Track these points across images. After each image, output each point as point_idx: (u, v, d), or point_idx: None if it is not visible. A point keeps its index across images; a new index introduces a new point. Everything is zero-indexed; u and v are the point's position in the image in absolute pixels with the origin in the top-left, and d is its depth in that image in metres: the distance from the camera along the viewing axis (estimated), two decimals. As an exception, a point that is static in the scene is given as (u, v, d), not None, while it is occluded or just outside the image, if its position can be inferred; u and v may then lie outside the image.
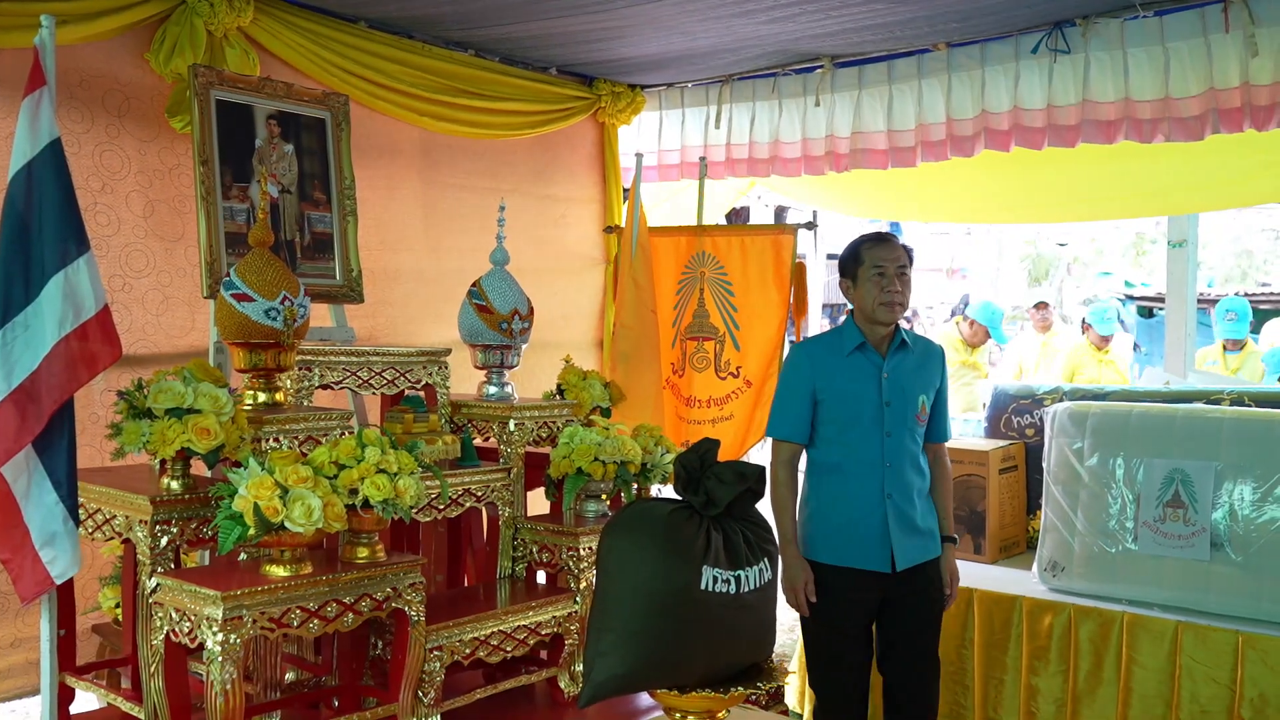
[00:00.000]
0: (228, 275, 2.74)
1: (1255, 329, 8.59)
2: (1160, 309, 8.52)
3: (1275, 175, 5.03)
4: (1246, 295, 9.86)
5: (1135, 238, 17.95)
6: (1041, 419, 4.40)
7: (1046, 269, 18.39)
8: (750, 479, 2.41)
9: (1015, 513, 4.54)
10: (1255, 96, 3.99)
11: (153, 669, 2.38)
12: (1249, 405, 4.03)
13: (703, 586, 2.30)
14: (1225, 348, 7.20)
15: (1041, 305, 8.16)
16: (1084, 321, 7.92)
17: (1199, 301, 6.43)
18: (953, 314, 9.69)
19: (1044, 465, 4.11)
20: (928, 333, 9.94)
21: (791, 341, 5.06)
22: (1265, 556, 3.64)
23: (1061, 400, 4.44)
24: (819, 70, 5.02)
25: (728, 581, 2.31)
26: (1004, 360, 7.88)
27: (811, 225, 5.40)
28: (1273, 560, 3.62)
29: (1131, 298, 13.20)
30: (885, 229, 5.68)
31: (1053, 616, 3.84)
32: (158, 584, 2.38)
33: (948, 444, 3.48)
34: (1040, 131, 4.48)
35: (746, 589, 2.35)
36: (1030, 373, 7.66)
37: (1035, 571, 4.03)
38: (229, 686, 2.20)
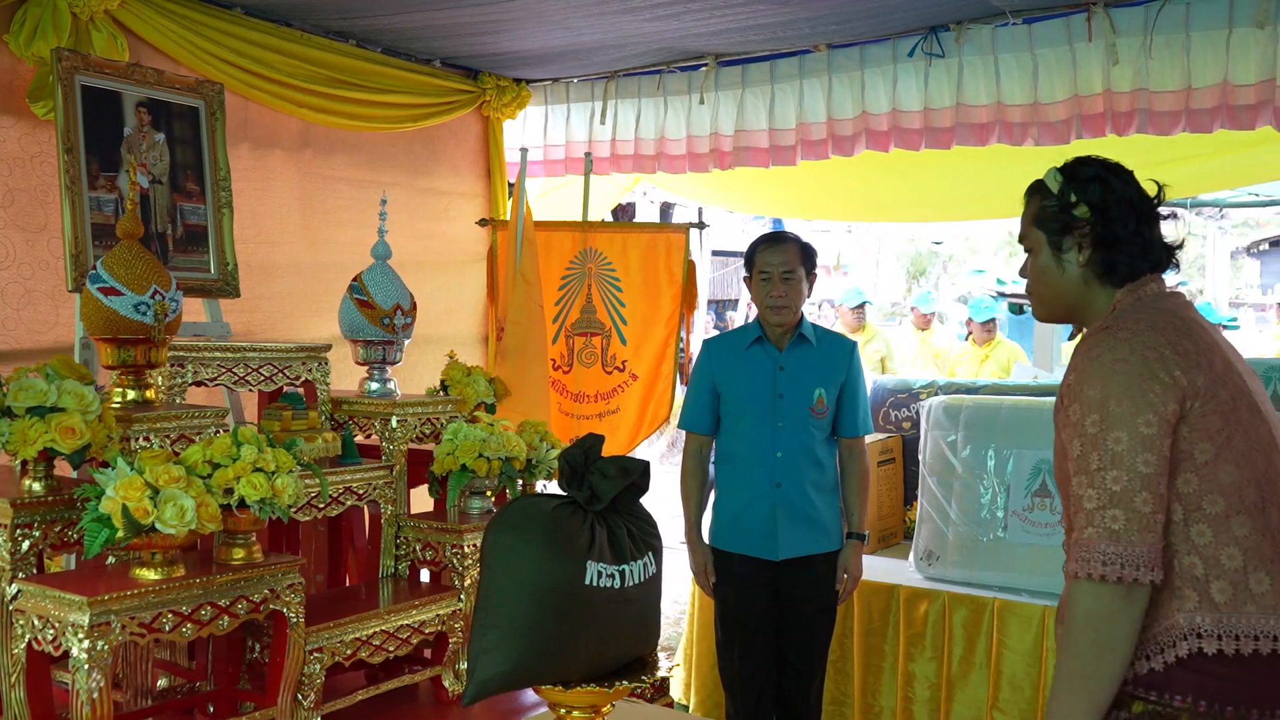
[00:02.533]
0: (94, 268, 2.63)
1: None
2: (1030, 305, 8.89)
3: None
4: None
5: (1008, 236, 18.60)
6: (918, 412, 4.54)
7: (924, 266, 18.93)
8: (634, 474, 2.43)
9: (893, 504, 4.67)
10: (1116, 103, 4.18)
11: (14, 679, 2.28)
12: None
13: (587, 581, 2.31)
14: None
15: (915, 309, 8.45)
16: (925, 321, 8.23)
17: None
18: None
19: (920, 457, 4.24)
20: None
21: (681, 338, 5.16)
22: (1125, 542, 3.82)
23: (936, 394, 4.58)
24: (703, 68, 5.07)
25: (612, 576, 2.33)
26: (896, 355, 8.07)
27: (702, 225, 5.47)
28: (1132, 546, 3.80)
29: (1003, 295, 13.66)
30: (778, 226, 5.76)
31: (928, 604, 3.96)
32: (19, 590, 2.28)
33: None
34: (918, 133, 4.61)
35: (631, 583, 2.37)
36: (907, 367, 7.88)
37: (912, 561, 4.16)
38: (96, 695, 2.12)
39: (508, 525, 2.39)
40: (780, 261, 3.40)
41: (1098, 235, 2.00)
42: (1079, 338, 2.10)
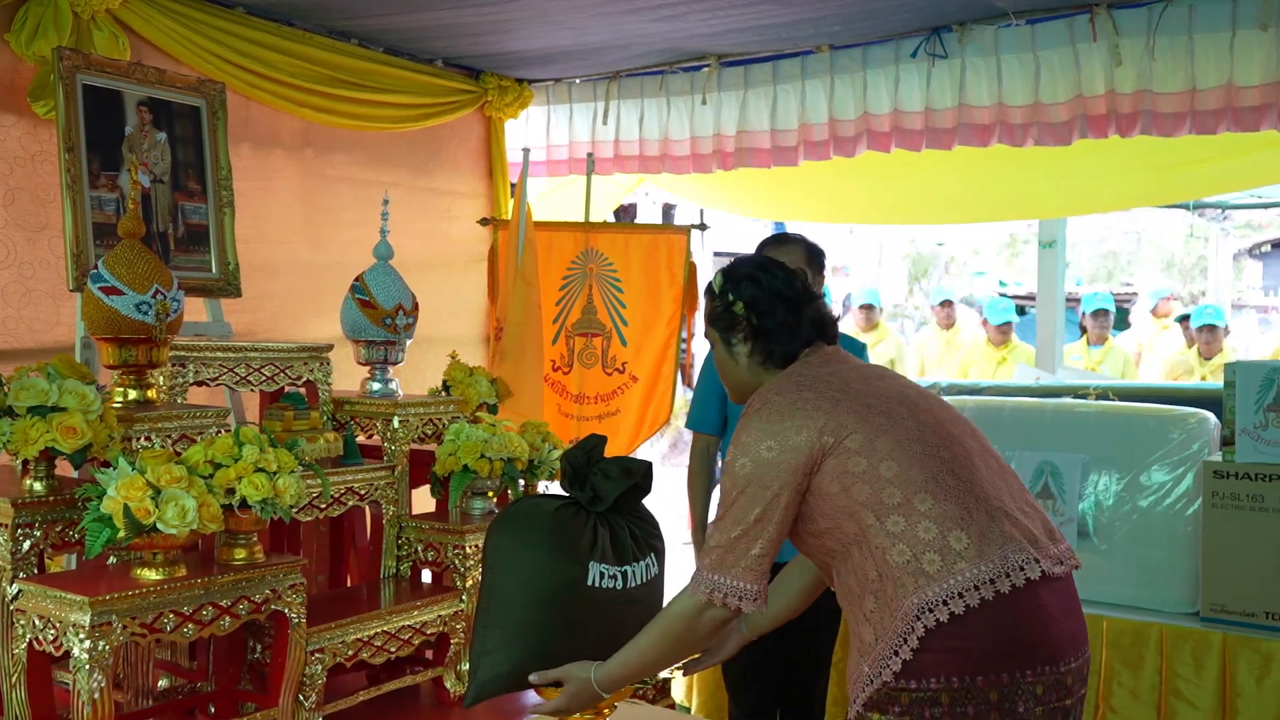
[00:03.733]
0: (95, 267, 2.63)
1: (1118, 325, 8.95)
2: (1031, 307, 8.83)
3: (1137, 181, 5.28)
4: (1113, 294, 10.29)
5: (1009, 238, 18.59)
6: (920, 414, 4.53)
7: (925, 268, 18.91)
8: (637, 474, 2.42)
9: (895, 505, 4.66)
10: (1119, 104, 4.17)
11: (14, 679, 2.28)
12: (1114, 400, 4.21)
13: (589, 582, 2.30)
14: (1089, 342, 7.50)
15: (946, 304, 8.26)
16: (951, 320, 8.12)
17: (1066, 300, 6.69)
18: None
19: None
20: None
21: (683, 339, 5.16)
22: (1128, 544, 3.81)
23: (940, 395, 4.57)
24: (706, 69, 5.06)
25: (614, 577, 2.32)
26: (906, 357, 7.99)
27: (703, 227, 5.47)
28: (1135, 548, 3.80)
29: (1005, 296, 13.66)
30: (780, 228, 5.75)
31: (930, 606, 3.95)
32: (20, 590, 2.28)
33: None
34: (919, 134, 4.60)
35: (633, 584, 2.37)
36: (933, 369, 7.83)
37: (914, 562, 4.15)
38: (97, 695, 2.12)
39: (509, 526, 2.39)
40: (784, 263, 3.39)
41: (754, 328, 2.24)
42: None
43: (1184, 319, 8.31)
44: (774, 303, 2.25)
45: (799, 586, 2.50)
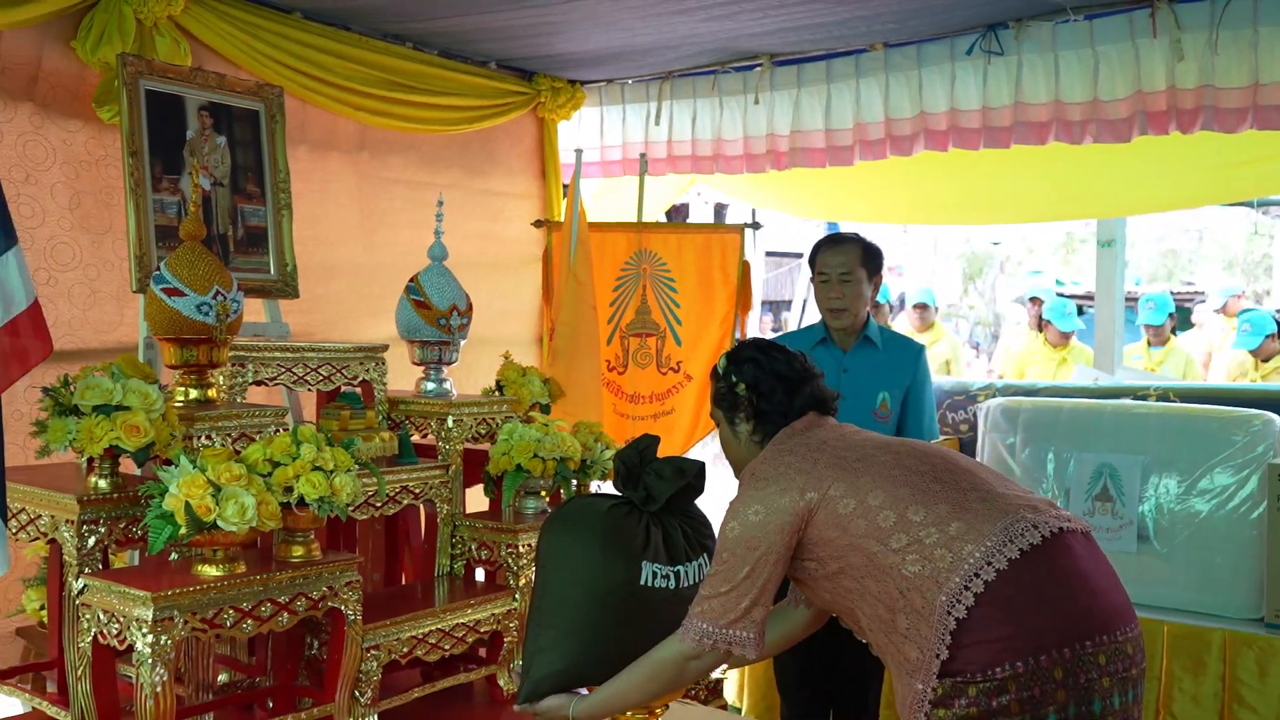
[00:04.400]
0: (158, 269, 2.68)
1: (1181, 326, 8.75)
2: (1089, 307, 8.67)
3: (1199, 179, 5.17)
4: (1172, 294, 10.07)
5: (1065, 237, 18.31)
6: (975, 414, 4.48)
7: (980, 267, 18.69)
8: (689, 474, 2.42)
9: (950, 507, 4.60)
10: (1180, 100, 4.09)
11: (80, 672, 2.33)
12: (1174, 401, 4.14)
13: (642, 582, 2.31)
14: (1149, 343, 7.34)
15: (1036, 300, 8.02)
16: (1041, 318, 7.90)
17: (1126, 300, 6.56)
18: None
19: (978, 460, 4.19)
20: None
21: (737, 339, 5.14)
22: (1189, 548, 3.74)
23: (995, 396, 4.52)
24: (758, 68, 5.05)
25: (667, 577, 2.32)
26: (996, 357, 7.83)
27: (756, 226, 5.45)
28: (1196, 552, 3.72)
29: (1062, 295, 13.45)
30: (834, 228, 5.70)
31: (986, 609, 3.90)
32: (85, 585, 2.33)
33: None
34: (976, 132, 4.55)
35: (685, 584, 2.37)
36: (1014, 369, 7.66)
37: (969, 565, 4.10)
38: (160, 689, 2.16)
39: (563, 526, 2.40)
40: (839, 263, 3.36)
41: (754, 408, 2.35)
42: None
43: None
44: (774, 384, 2.35)
45: (784, 629, 2.59)
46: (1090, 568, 2.05)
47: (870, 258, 3.40)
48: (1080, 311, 9.44)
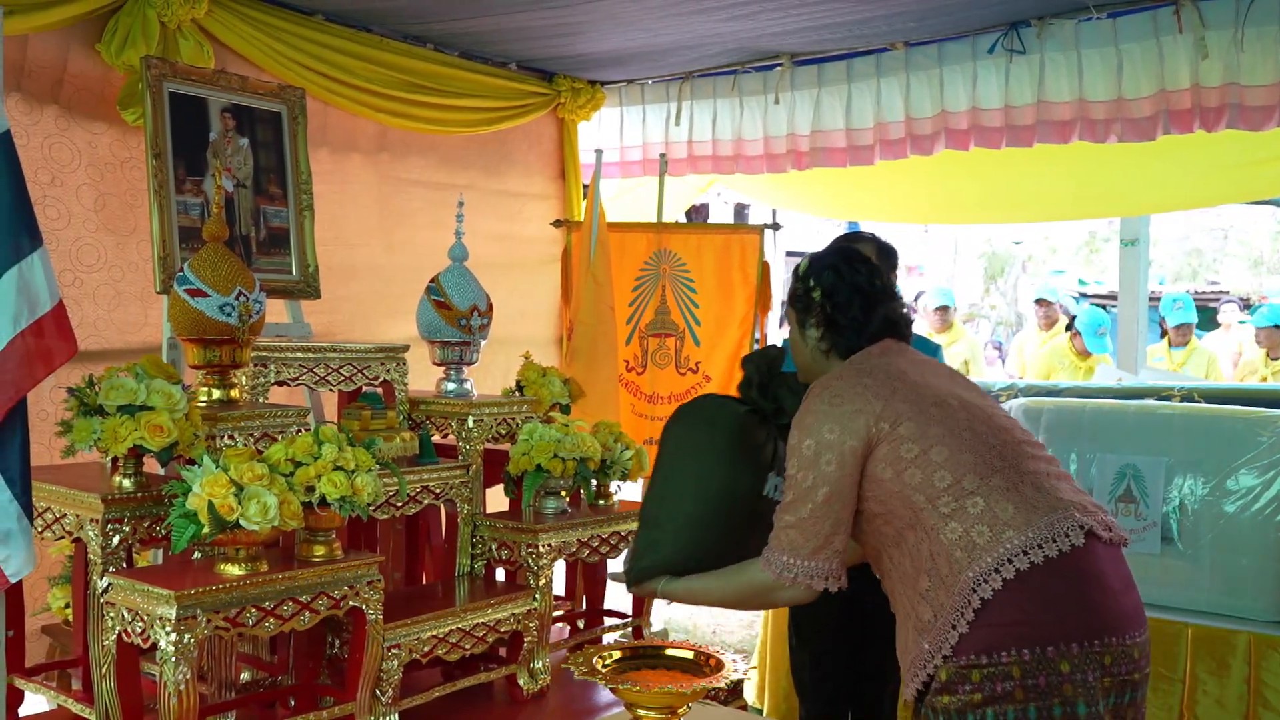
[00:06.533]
0: (181, 270, 2.70)
1: (1203, 326, 8.67)
2: (1112, 307, 8.60)
3: (1224, 177, 5.13)
4: (1195, 293, 10.00)
5: (1088, 236, 18.19)
6: (997, 415, 4.44)
7: (1002, 267, 18.59)
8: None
9: (971, 508, 4.58)
10: (1205, 98, 4.05)
11: (104, 670, 2.35)
12: (1198, 401, 4.10)
13: (765, 493, 2.33)
14: (1170, 343, 7.28)
15: (1043, 302, 7.93)
16: (1071, 324, 7.75)
17: (1149, 299, 6.51)
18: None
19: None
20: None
21: (756, 340, 5.13)
22: (1214, 550, 3.70)
23: (1017, 396, 4.49)
24: (779, 68, 5.04)
25: (785, 493, 2.32)
26: (1010, 359, 7.74)
27: (776, 226, 5.44)
28: (1221, 554, 3.69)
29: (1085, 295, 13.38)
30: (854, 227, 5.69)
31: (1008, 610, 3.88)
32: (109, 584, 2.35)
33: None
34: (999, 131, 4.53)
35: None
36: (1033, 370, 7.56)
37: (990, 566, 4.08)
38: (183, 687, 2.17)
39: (698, 421, 2.41)
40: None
41: (828, 317, 2.31)
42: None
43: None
44: (851, 296, 2.30)
45: None
46: (1111, 569, 2.05)
47: (886, 256, 3.38)
48: (1104, 311, 9.33)
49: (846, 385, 2.17)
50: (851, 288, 2.31)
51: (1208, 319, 9.75)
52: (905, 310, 2.40)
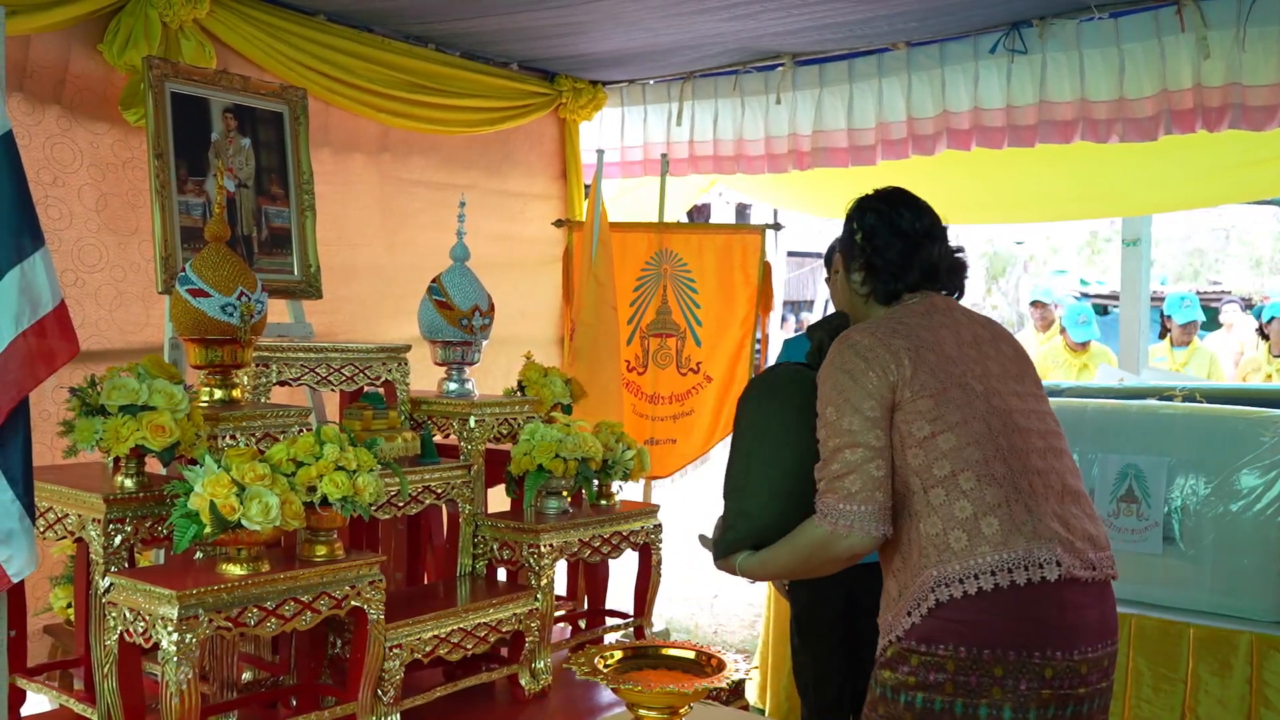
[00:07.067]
0: (183, 270, 2.70)
1: (1208, 327, 8.66)
2: (1114, 307, 8.59)
3: (1226, 177, 5.13)
4: (1197, 293, 9.97)
5: (1090, 236, 18.20)
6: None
7: (1004, 267, 18.59)
8: None
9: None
10: (1207, 98, 4.05)
11: (106, 670, 2.35)
12: (1200, 401, 4.10)
13: None
14: (1173, 343, 7.28)
15: (1038, 304, 7.96)
16: (1045, 321, 7.86)
17: (1151, 299, 6.50)
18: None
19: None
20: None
21: (758, 340, 5.13)
22: (1216, 550, 3.70)
23: (1018, 397, 4.48)
24: (780, 68, 5.04)
25: None
26: None
27: (777, 226, 5.44)
28: (1223, 554, 3.69)
29: (1086, 295, 13.36)
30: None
31: (1009, 611, 3.88)
32: (111, 584, 2.35)
33: None
34: (1000, 131, 4.52)
35: None
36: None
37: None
38: (184, 687, 2.17)
39: (777, 392, 2.39)
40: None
41: (868, 260, 2.29)
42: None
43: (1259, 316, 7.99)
44: (891, 239, 2.28)
45: None
46: (1074, 597, 2.03)
47: None
48: (1105, 311, 9.33)
49: (878, 340, 2.15)
50: (891, 230, 2.28)
51: (1210, 319, 9.73)
52: (956, 256, 2.35)
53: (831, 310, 2.60)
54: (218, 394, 2.72)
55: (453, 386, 3.30)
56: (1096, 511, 2.21)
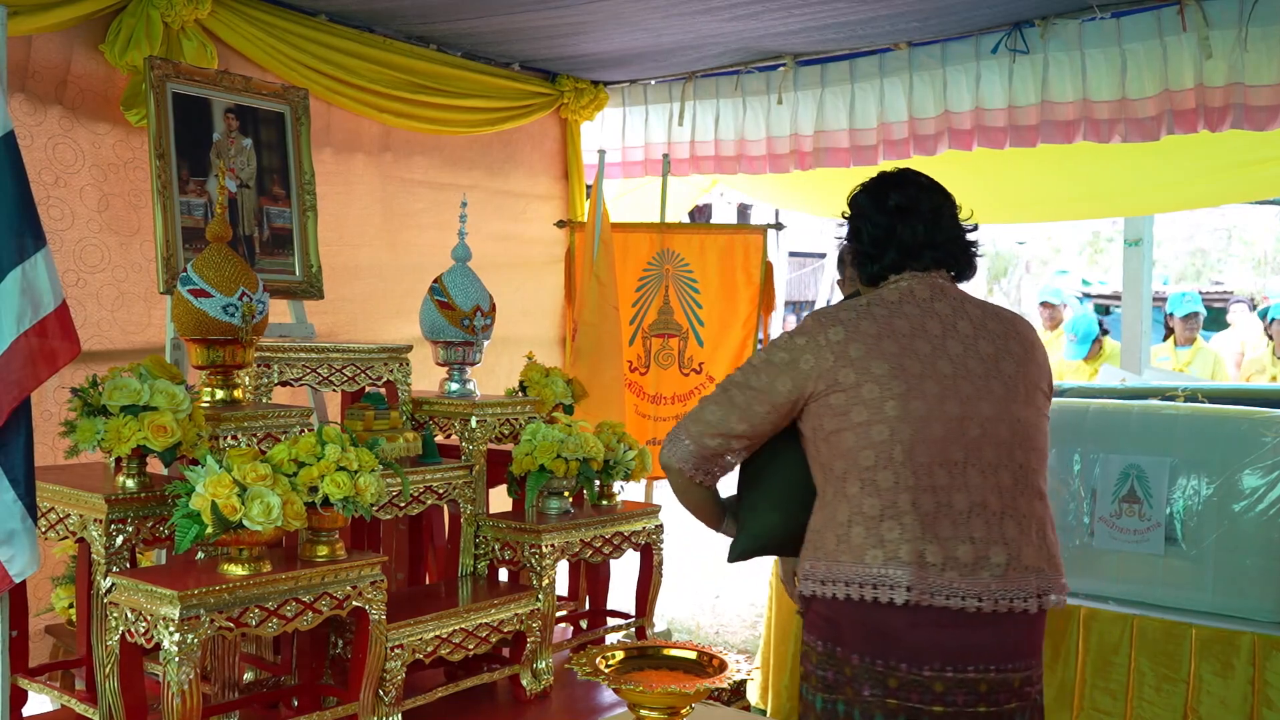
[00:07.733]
0: (185, 271, 2.70)
1: (1209, 326, 8.64)
2: (1116, 307, 8.58)
3: (1228, 177, 5.12)
4: (1200, 293, 9.97)
5: (1092, 236, 18.18)
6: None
7: (1005, 267, 18.58)
8: None
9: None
10: (1209, 98, 4.05)
11: (108, 670, 2.35)
12: (1203, 401, 4.09)
13: None
14: (1177, 341, 7.26)
15: (1047, 304, 7.91)
16: (1054, 321, 7.83)
17: (1153, 300, 6.49)
18: None
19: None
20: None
21: (760, 340, 5.13)
22: (1218, 551, 3.70)
23: (1020, 397, 4.47)
24: (782, 68, 5.03)
25: None
26: None
27: (779, 226, 5.43)
28: (1225, 554, 3.68)
29: (1088, 295, 13.36)
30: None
31: (1011, 611, 3.88)
32: (113, 584, 2.35)
33: None
34: (1002, 131, 4.52)
35: None
36: None
37: (994, 567, 4.07)
38: (186, 687, 2.18)
39: None
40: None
41: (855, 240, 2.28)
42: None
43: (1264, 316, 7.97)
44: (874, 216, 2.24)
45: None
46: (947, 618, 1.98)
47: None
48: (1107, 311, 9.31)
49: (818, 328, 2.13)
50: (876, 208, 2.25)
51: (1214, 319, 9.72)
52: (952, 232, 2.26)
53: None
54: (219, 394, 2.72)
55: (454, 387, 3.30)
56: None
